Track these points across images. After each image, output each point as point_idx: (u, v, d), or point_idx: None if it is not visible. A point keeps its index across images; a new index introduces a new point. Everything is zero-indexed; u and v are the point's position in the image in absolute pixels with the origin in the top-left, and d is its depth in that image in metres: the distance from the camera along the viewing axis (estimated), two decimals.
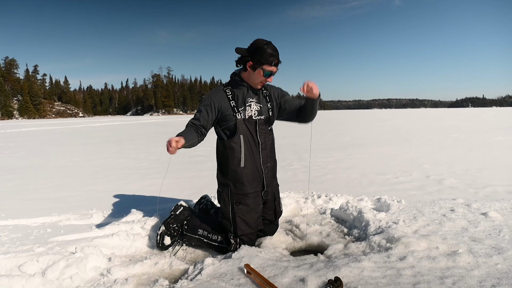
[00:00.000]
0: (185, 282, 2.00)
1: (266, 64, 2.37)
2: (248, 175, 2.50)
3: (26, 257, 2.36)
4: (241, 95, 2.49)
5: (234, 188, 2.51)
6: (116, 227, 2.99)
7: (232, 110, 2.45)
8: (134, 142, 12.72)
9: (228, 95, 2.47)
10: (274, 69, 2.42)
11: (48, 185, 5.17)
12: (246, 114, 2.48)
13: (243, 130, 2.45)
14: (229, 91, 2.49)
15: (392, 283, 1.89)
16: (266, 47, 2.36)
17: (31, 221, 3.34)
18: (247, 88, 2.51)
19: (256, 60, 2.37)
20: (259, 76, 2.43)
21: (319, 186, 4.66)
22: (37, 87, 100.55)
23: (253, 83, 2.49)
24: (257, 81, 2.46)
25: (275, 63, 2.40)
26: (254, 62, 2.38)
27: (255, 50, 2.37)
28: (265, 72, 2.40)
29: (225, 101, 2.46)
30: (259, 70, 2.39)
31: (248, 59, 2.41)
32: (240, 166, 2.47)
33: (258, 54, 2.36)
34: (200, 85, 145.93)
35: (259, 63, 2.37)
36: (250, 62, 2.41)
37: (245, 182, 2.49)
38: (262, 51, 2.35)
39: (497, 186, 4.35)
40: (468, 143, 9.42)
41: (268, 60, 2.36)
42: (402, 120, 27.18)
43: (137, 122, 37.62)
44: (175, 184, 5.06)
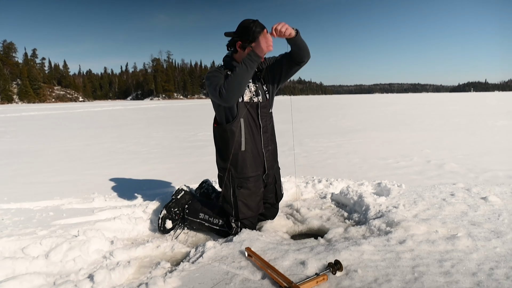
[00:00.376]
0: (187, 265, 2.03)
1: (254, 41, 2.33)
2: (249, 158, 2.50)
3: (29, 239, 2.39)
4: None
5: (235, 172, 2.51)
6: (118, 211, 3.02)
7: None
8: (134, 127, 12.71)
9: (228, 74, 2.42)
10: None
11: (49, 169, 5.19)
12: (245, 97, 2.45)
13: (244, 113, 2.43)
14: (226, 73, 2.43)
15: (392, 266, 1.91)
16: (253, 25, 2.33)
17: (34, 204, 3.36)
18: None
19: (245, 39, 2.35)
20: None
21: (320, 170, 4.67)
22: (36, 71, 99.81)
23: None
24: None
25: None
26: (243, 41, 2.37)
27: (242, 29, 2.36)
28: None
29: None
30: (249, 48, 2.36)
31: (237, 39, 2.39)
32: (241, 150, 2.46)
33: (245, 33, 2.34)
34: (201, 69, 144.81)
35: (248, 41, 2.35)
36: (239, 42, 2.39)
37: (247, 165, 2.49)
38: (249, 29, 2.33)
39: (497, 170, 4.36)
40: (470, 128, 9.40)
41: (256, 36, 2.32)
42: (403, 105, 27.05)
43: (137, 107, 37.51)
44: (176, 169, 5.07)
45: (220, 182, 2.65)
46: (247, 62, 2.25)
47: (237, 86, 2.24)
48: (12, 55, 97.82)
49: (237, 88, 2.24)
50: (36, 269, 2.12)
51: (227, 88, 2.23)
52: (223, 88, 2.23)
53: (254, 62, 2.26)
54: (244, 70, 2.24)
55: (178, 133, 10.10)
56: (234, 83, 2.23)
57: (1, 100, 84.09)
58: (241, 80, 2.24)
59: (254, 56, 2.25)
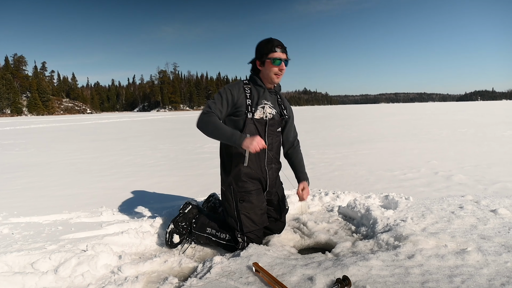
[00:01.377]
0: (195, 280, 2.03)
1: (270, 53, 2.41)
2: (251, 174, 2.52)
3: (38, 254, 2.40)
4: (257, 95, 2.51)
5: (236, 186, 2.52)
6: (125, 225, 3.04)
7: (245, 108, 2.45)
8: (141, 139, 12.81)
9: (246, 93, 2.48)
10: (281, 55, 2.43)
11: (58, 182, 5.24)
12: (257, 115, 2.48)
13: (251, 129, 2.46)
14: (248, 88, 2.50)
15: (401, 281, 1.89)
16: (266, 40, 2.45)
17: (43, 218, 3.40)
18: (264, 89, 2.54)
19: (260, 54, 2.44)
20: (270, 67, 2.44)
21: (326, 183, 4.66)
22: (45, 83, 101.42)
23: (269, 78, 2.49)
24: (271, 73, 2.46)
25: (279, 49, 2.42)
26: (259, 59, 2.46)
27: (257, 49, 2.48)
28: (274, 60, 2.41)
29: (243, 97, 2.46)
30: (268, 62, 2.43)
31: (255, 60, 2.50)
32: (243, 165, 2.49)
33: (260, 50, 2.45)
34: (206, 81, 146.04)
35: (264, 55, 2.43)
36: (258, 61, 2.48)
37: (248, 180, 2.52)
38: (262, 45, 2.45)
39: (506, 182, 4.31)
40: (477, 138, 9.32)
41: (271, 48, 2.41)
42: (409, 115, 26.94)
43: (144, 119, 37.84)
44: (183, 182, 5.10)
45: (223, 197, 2.66)
46: (231, 139, 2.26)
47: (209, 132, 2.31)
48: (22, 68, 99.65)
49: (208, 133, 2.32)
50: (45, 284, 2.13)
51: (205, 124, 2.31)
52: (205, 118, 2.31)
53: (234, 144, 2.28)
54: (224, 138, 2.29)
55: (184, 145, 10.15)
56: (210, 129, 2.30)
57: (10, 113, 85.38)
58: (216, 136, 2.31)
59: (238, 142, 2.25)
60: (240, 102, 2.45)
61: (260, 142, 2.24)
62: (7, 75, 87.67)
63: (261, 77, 2.53)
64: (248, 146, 2.22)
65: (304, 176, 2.76)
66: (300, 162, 2.80)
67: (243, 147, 2.25)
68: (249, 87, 2.51)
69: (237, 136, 2.26)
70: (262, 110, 2.50)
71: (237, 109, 2.45)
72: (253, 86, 2.53)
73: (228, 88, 2.48)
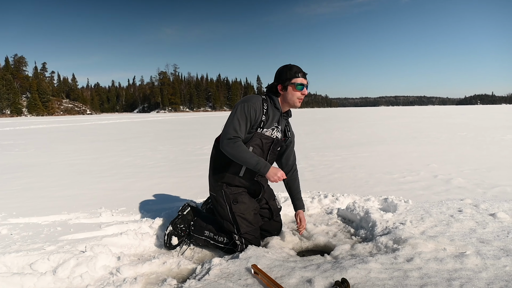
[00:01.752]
0: (193, 282, 2.03)
1: (294, 78, 2.45)
2: (243, 184, 2.59)
3: (37, 255, 2.40)
4: (272, 115, 2.52)
5: (228, 189, 2.56)
6: (124, 226, 3.04)
7: (258, 124, 2.46)
8: (141, 140, 12.81)
9: (264, 109, 2.47)
10: (303, 80, 2.48)
11: (57, 183, 5.24)
12: (267, 132, 2.51)
13: (255, 143, 2.48)
14: (266, 106, 2.49)
15: (399, 284, 1.89)
16: (288, 66, 2.49)
17: (42, 219, 3.39)
18: (280, 113, 2.56)
19: (283, 80, 2.47)
20: (293, 92, 2.47)
21: (325, 185, 4.66)
22: (45, 84, 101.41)
23: (292, 102, 2.51)
24: (294, 97, 2.49)
25: (301, 75, 2.47)
26: (282, 83, 2.48)
27: (278, 74, 2.51)
28: (297, 85, 2.45)
29: (261, 114, 2.45)
30: (290, 86, 2.46)
31: (276, 84, 2.51)
32: (238, 175, 2.54)
33: (282, 74, 2.48)
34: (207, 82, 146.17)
35: (287, 80, 2.46)
36: (280, 86, 2.49)
37: (240, 187, 2.59)
38: (285, 70, 2.48)
39: (506, 186, 4.31)
40: (477, 142, 9.33)
41: (294, 74, 2.46)
42: (409, 118, 26.97)
43: (143, 120, 37.85)
44: (182, 183, 5.09)
45: (215, 203, 2.66)
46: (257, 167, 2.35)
47: (236, 158, 2.37)
48: (22, 68, 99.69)
49: (237, 159, 2.38)
50: (44, 285, 2.13)
51: (233, 150, 2.36)
52: (232, 145, 2.35)
53: (259, 171, 2.38)
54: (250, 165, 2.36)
55: (184, 147, 10.15)
56: (237, 155, 2.36)
57: (10, 113, 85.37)
58: (242, 162, 2.38)
59: (263, 171, 2.36)
60: (258, 120, 2.45)
61: (283, 175, 2.38)
62: (7, 76, 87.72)
63: (280, 101, 2.55)
64: (273, 177, 2.36)
65: (301, 203, 2.83)
66: (297, 188, 2.85)
67: (267, 177, 2.38)
68: (267, 105, 2.51)
69: (262, 165, 2.35)
70: (271, 130, 2.53)
71: (253, 125, 2.46)
72: (270, 105, 2.53)
73: (250, 104, 2.42)
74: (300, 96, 2.49)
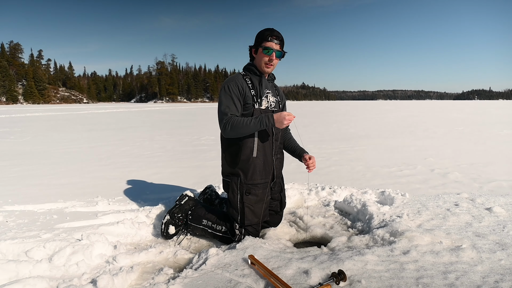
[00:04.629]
0: (190, 272, 2.02)
1: (264, 42, 2.41)
2: (260, 165, 2.51)
3: (33, 243, 2.39)
4: (258, 85, 2.50)
5: (244, 178, 2.50)
6: (121, 215, 3.03)
7: (252, 99, 2.45)
8: (138, 130, 12.76)
9: (248, 84, 2.48)
10: (272, 44, 2.42)
11: (53, 171, 5.21)
12: (263, 105, 2.49)
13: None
14: (249, 80, 2.50)
15: (396, 277, 1.90)
16: (264, 30, 2.46)
17: (37, 207, 3.38)
18: (262, 77, 2.52)
19: (256, 42, 2.46)
20: (261, 56, 2.45)
21: (323, 178, 4.66)
22: (41, 72, 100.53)
23: (260, 67, 2.49)
24: (262, 62, 2.47)
25: (271, 38, 2.41)
26: (255, 46, 2.48)
27: (255, 38, 2.49)
28: (264, 49, 2.41)
29: (247, 89, 2.46)
30: (260, 50, 2.44)
31: (251, 47, 2.51)
32: (252, 156, 2.47)
33: (257, 37, 2.47)
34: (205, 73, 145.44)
35: (258, 44, 2.44)
36: (253, 49, 2.50)
37: (257, 171, 2.50)
38: (260, 33, 2.46)
39: (502, 181, 4.33)
40: (474, 137, 9.36)
41: (265, 37, 2.41)
42: (407, 112, 27.00)
43: (141, 109, 37.66)
44: (179, 173, 5.08)
45: (225, 188, 2.65)
46: (262, 123, 2.32)
47: (241, 132, 2.36)
48: (18, 56, 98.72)
49: (240, 133, 2.37)
50: (39, 272, 2.12)
51: (233, 128, 2.33)
52: (229, 126, 2.34)
53: (266, 127, 2.34)
54: (256, 127, 2.33)
55: (182, 137, 10.12)
56: (240, 129, 2.33)
57: (6, 101, 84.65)
58: (248, 131, 2.36)
59: (271, 124, 2.32)
60: (247, 95, 2.44)
61: (290, 114, 2.29)
62: (3, 63, 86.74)
63: (256, 63, 2.53)
64: (282, 122, 2.28)
65: (304, 150, 2.76)
66: (295, 142, 2.85)
67: (278, 125, 2.31)
68: (249, 78, 2.50)
69: (265, 119, 2.31)
70: (266, 99, 2.51)
71: (246, 103, 2.45)
72: (251, 75, 2.51)
73: (231, 83, 2.44)
74: (267, 62, 2.45)
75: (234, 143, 2.50)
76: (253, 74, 2.52)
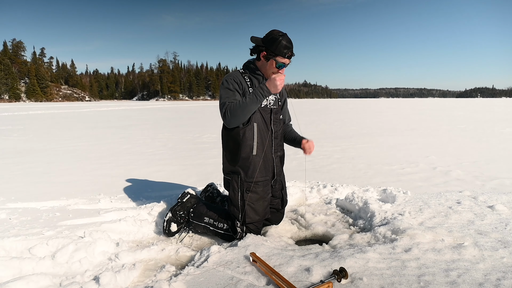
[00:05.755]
0: (192, 269, 2.03)
1: (279, 56, 2.37)
2: (260, 163, 2.51)
3: (36, 240, 2.41)
4: (258, 83, 2.49)
5: (244, 176, 2.51)
6: (123, 213, 3.04)
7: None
8: (140, 128, 12.78)
9: (247, 81, 2.47)
10: (287, 61, 2.42)
11: (56, 169, 5.23)
12: (262, 103, 2.48)
13: (257, 118, 2.45)
14: (247, 77, 2.49)
15: (397, 274, 1.90)
16: (281, 38, 2.35)
17: (40, 204, 3.39)
18: (262, 77, 2.51)
19: (270, 51, 2.37)
20: (271, 67, 2.42)
21: (324, 175, 4.66)
22: (44, 70, 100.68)
23: (266, 74, 2.49)
24: (269, 71, 2.45)
25: (288, 55, 2.40)
26: (268, 52, 2.38)
27: (270, 40, 2.37)
28: (278, 63, 2.39)
29: (246, 85, 2.45)
30: (272, 61, 2.40)
31: (263, 49, 2.40)
32: (252, 154, 2.47)
33: (272, 45, 2.36)
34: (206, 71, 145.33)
35: (273, 54, 2.37)
36: (264, 52, 2.41)
37: (257, 169, 2.50)
38: (276, 42, 2.34)
39: (504, 179, 4.32)
40: (476, 134, 9.33)
41: (282, 51, 2.36)
42: (409, 110, 26.92)
43: (143, 107, 37.70)
44: (181, 171, 5.09)
45: (226, 185, 2.65)
46: (258, 95, 2.29)
47: (241, 114, 2.32)
48: (21, 53, 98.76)
49: (241, 116, 2.33)
50: (43, 269, 2.13)
51: (232, 113, 2.31)
52: (228, 112, 2.32)
53: (264, 97, 2.31)
54: (253, 102, 2.30)
55: (184, 135, 10.13)
56: (239, 111, 2.30)
57: (9, 98, 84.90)
58: (247, 110, 2.32)
59: (266, 92, 2.29)
60: (245, 91, 2.44)
61: (280, 78, 2.27)
62: (6, 61, 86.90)
63: (258, 66, 2.51)
64: (275, 86, 2.26)
65: (304, 137, 2.75)
66: (296, 133, 2.84)
67: (272, 90, 2.29)
68: (248, 76, 2.50)
69: (259, 91, 2.29)
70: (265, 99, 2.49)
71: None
72: (251, 75, 2.51)
73: (230, 78, 2.45)
74: (275, 72, 2.43)
75: (234, 141, 2.50)
76: (254, 74, 2.51)
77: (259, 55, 2.45)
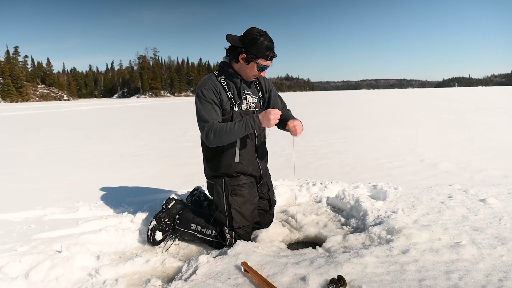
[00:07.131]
0: (179, 283, 1.89)
1: (261, 58, 2.19)
2: (243, 169, 2.39)
3: (8, 257, 2.23)
4: (236, 87, 2.33)
5: (228, 179, 2.38)
6: (104, 222, 2.86)
7: (229, 103, 2.29)
8: (121, 127, 12.42)
9: (223, 86, 2.29)
10: (269, 63, 2.25)
11: (31, 175, 4.96)
12: (242, 107, 2.34)
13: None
14: (224, 81, 2.31)
15: (397, 280, 1.81)
16: (263, 39, 2.15)
17: (13, 215, 3.17)
18: (240, 80, 2.33)
19: (251, 53, 2.17)
20: (252, 70, 2.26)
21: (313, 172, 4.57)
22: (18, 69, 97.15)
23: (246, 76, 2.32)
24: (250, 74, 2.29)
25: (270, 57, 2.22)
26: (249, 55, 2.18)
27: (250, 41, 2.16)
28: (259, 66, 2.22)
29: (223, 92, 2.28)
30: (253, 63, 2.22)
31: (242, 50, 2.19)
32: (234, 162, 2.35)
33: (253, 46, 2.15)
34: (188, 66, 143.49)
35: (254, 56, 2.18)
36: (244, 55, 2.20)
37: (240, 174, 2.40)
38: (258, 44, 2.15)
39: (491, 170, 4.33)
40: (459, 125, 9.45)
41: (264, 53, 2.18)
42: (390, 101, 27.24)
43: (123, 105, 36.87)
44: (165, 173, 4.90)
45: (210, 190, 2.52)
46: (248, 126, 2.14)
47: (225, 139, 2.19)
48: None
49: (224, 140, 2.20)
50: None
51: (216, 135, 2.16)
52: (211, 133, 2.16)
53: (253, 129, 2.16)
54: (241, 131, 2.16)
55: (166, 133, 9.88)
56: (224, 136, 2.16)
57: None
58: (233, 136, 2.18)
59: (257, 125, 2.14)
60: (223, 98, 2.27)
61: (275, 112, 2.11)
62: None
63: (236, 68, 2.30)
64: (269, 121, 2.11)
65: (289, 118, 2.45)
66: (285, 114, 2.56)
67: (264, 124, 2.14)
68: (223, 79, 2.31)
69: (250, 121, 2.13)
70: (245, 101, 2.36)
71: (223, 106, 2.28)
72: (228, 79, 2.32)
73: (204, 89, 2.24)
74: (256, 75, 2.30)
75: (216, 149, 2.35)
76: (231, 77, 2.31)
77: (238, 57, 2.23)
